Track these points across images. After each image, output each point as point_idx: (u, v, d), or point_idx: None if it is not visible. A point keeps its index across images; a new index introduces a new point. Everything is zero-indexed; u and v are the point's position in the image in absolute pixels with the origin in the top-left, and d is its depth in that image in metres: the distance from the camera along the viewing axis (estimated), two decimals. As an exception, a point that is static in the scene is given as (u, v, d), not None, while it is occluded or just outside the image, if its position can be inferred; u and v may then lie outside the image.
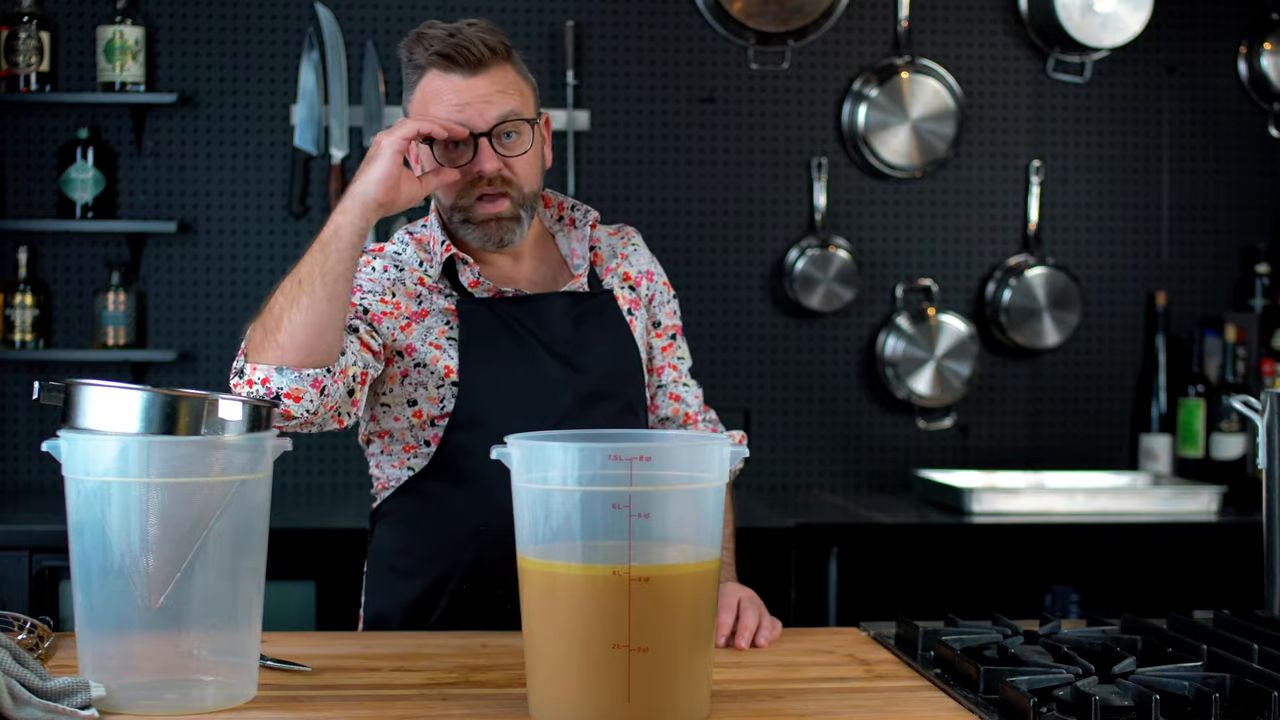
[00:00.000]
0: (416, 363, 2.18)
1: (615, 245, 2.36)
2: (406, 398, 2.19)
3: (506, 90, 2.15)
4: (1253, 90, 4.16)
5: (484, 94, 2.13)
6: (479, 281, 2.20)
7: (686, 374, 2.41)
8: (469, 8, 3.91)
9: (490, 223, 2.18)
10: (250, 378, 1.96)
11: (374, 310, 2.16)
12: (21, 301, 3.79)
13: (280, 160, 3.91)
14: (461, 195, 2.17)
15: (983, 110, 4.11)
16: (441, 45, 2.13)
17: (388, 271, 2.21)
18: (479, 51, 2.13)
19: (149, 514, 1.65)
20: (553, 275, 2.29)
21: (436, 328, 2.19)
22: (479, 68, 2.13)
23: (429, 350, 2.18)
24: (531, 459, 1.67)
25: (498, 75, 2.15)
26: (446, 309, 2.20)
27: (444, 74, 2.14)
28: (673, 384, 2.38)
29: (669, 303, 2.38)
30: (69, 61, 3.86)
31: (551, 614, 1.64)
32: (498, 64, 2.15)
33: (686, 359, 2.42)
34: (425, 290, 2.21)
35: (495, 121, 2.14)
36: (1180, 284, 4.17)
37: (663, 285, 2.38)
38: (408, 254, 2.24)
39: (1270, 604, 2.06)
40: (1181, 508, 3.66)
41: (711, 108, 4.03)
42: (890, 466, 4.09)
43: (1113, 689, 1.72)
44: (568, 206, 2.35)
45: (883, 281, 4.08)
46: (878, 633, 2.10)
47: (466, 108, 2.13)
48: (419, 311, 2.19)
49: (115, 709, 1.66)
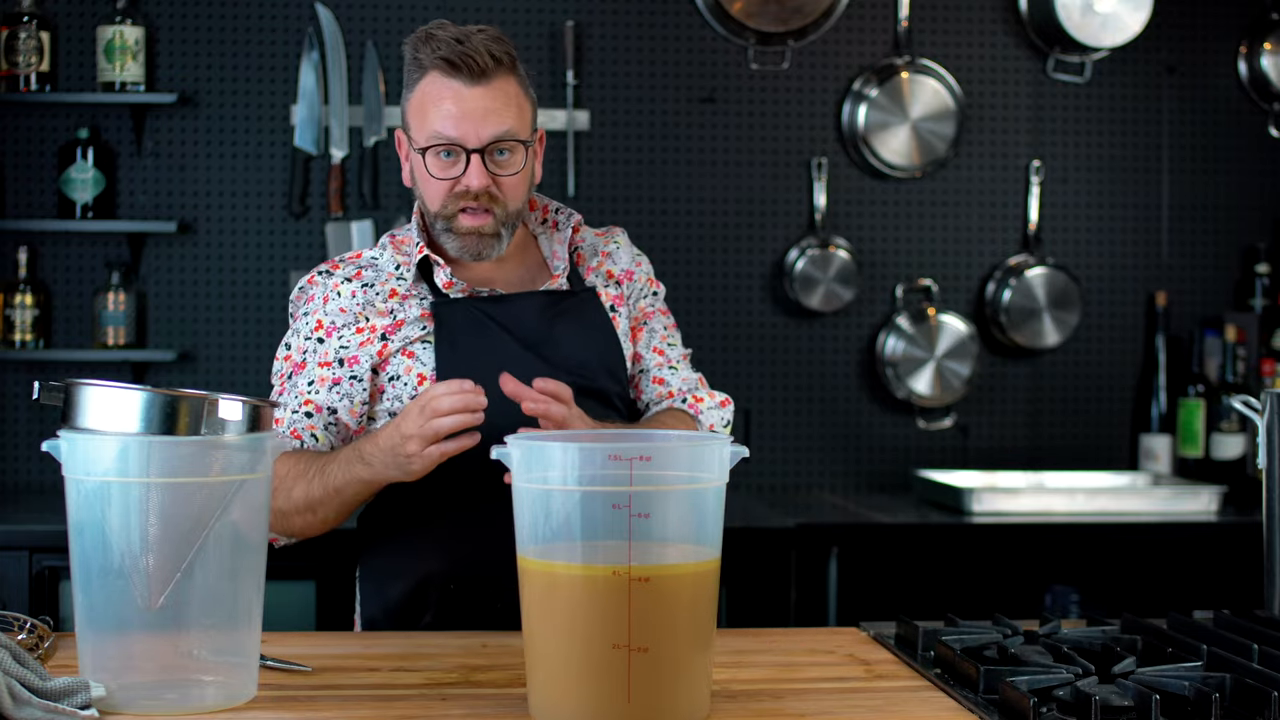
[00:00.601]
0: (391, 376, 2.20)
1: (597, 244, 2.36)
2: (387, 411, 2.21)
3: (505, 107, 2.14)
4: (1253, 90, 4.16)
5: (482, 108, 2.13)
6: (453, 282, 2.21)
7: (677, 360, 2.37)
8: (470, 8, 3.91)
9: (471, 235, 2.18)
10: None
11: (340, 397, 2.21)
12: (21, 301, 3.79)
13: (280, 160, 3.91)
14: (446, 205, 2.18)
15: (983, 110, 4.11)
16: (447, 50, 2.12)
17: (355, 297, 2.22)
18: (484, 61, 2.12)
19: (149, 514, 1.65)
20: (532, 277, 2.30)
21: (412, 336, 2.20)
22: (481, 78, 2.13)
23: (403, 361, 2.19)
24: (531, 459, 1.67)
25: (499, 88, 2.14)
26: (421, 315, 2.21)
27: (446, 78, 2.14)
28: (656, 368, 2.35)
29: (646, 296, 2.37)
30: (69, 61, 3.86)
31: (551, 614, 1.64)
32: (501, 76, 2.15)
33: (677, 346, 2.38)
34: (398, 301, 2.21)
35: (489, 139, 2.14)
36: (1180, 284, 4.17)
37: (645, 281, 2.37)
38: (384, 259, 2.25)
39: (1270, 604, 2.06)
40: (1181, 508, 3.66)
41: (711, 108, 4.03)
42: (890, 466, 4.09)
43: (1113, 689, 1.72)
44: (552, 210, 2.35)
45: (883, 281, 4.08)
46: (878, 633, 2.10)
47: (463, 120, 2.13)
48: (393, 324, 2.20)
49: (115, 709, 1.66)
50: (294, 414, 2.20)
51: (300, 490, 2.11)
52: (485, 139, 2.13)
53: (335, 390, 2.20)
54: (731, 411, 2.38)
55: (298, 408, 2.20)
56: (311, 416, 2.20)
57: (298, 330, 2.26)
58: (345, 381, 2.20)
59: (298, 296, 2.28)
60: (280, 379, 2.25)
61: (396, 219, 3.87)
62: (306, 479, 2.11)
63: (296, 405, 2.20)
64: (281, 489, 2.11)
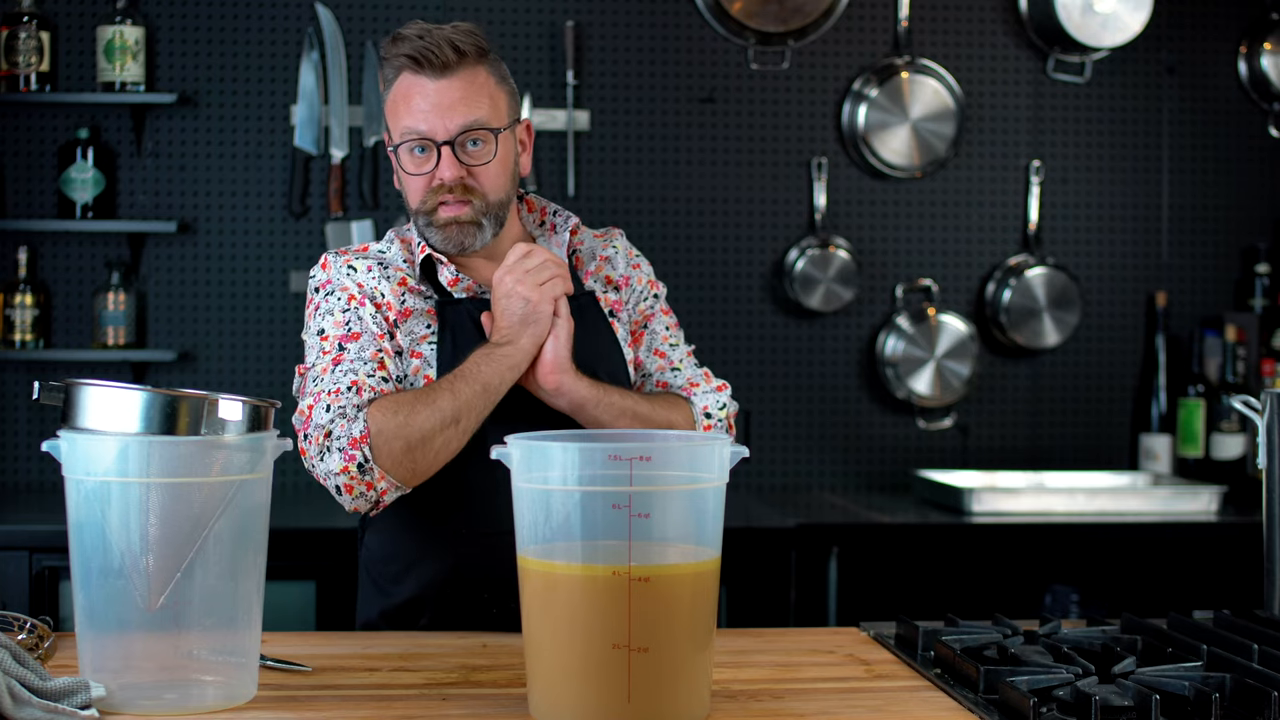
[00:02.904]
0: (399, 376, 2.18)
1: (595, 248, 2.35)
2: None
3: (474, 97, 2.14)
4: (1253, 90, 4.16)
5: (449, 100, 2.13)
6: (458, 279, 2.21)
7: (680, 359, 2.36)
8: (468, 8, 3.91)
9: (450, 226, 2.18)
10: (374, 482, 2.04)
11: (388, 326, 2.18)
12: (21, 301, 3.79)
13: (280, 160, 3.92)
14: (426, 200, 2.18)
15: (983, 110, 4.11)
16: (411, 46, 2.14)
17: (371, 271, 2.20)
18: (445, 55, 2.13)
19: (149, 514, 1.65)
20: None
21: (418, 332, 2.18)
22: (445, 71, 2.14)
23: (409, 361, 2.18)
24: (531, 459, 1.67)
25: (465, 79, 2.15)
26: (426, 311, 2.20)
27: (414, 75, 2.16)
28: (658, 372, 2.35)
29: (647, 299, 2.36)
30: (69, 61, 3.86)
31: (551, 614, 1.64)
32: (467, 67, 2.15)
33: (680, 346, 2.37)
34: (407, 291, 2.21)
35: (458, 131, 2.14)
36: (1180, 284, 4.17)
37: (645, 283, 2.37)
38: (392, 252, 2.25)
39: (1270, 604, 2.06)
40: (1181, 508, 3.66)
41: (711, 108, 4.03)
42: (890, 466, 4.09)
43: (1113, 689, 1.72)
44: (550, 212, 2.35)
45: (883, 281, 4.08)
46: (878, 633, 2.10)
47: (430, 114, 2.14)
48: (402, 311, 2.19)
49: (115, 709, 1.66)
50: (369, 378, 2.10)
51: (446, 401, 2.05)
52: (454, 130, 2.14)
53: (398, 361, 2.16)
54: (729, 396, 2.33)
55: (373, 372, 2.11)
56: (387, 382, 2.12)
57: (329, 310, 2.17)
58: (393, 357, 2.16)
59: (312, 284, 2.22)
60: (325, 356, 2.13)
61: (396, 219, 3.87)
62: (438, 394, 2.05)
63: (371, 369, 2.11)
64: (410, 419, 2.04)
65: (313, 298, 2.23)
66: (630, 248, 2.39)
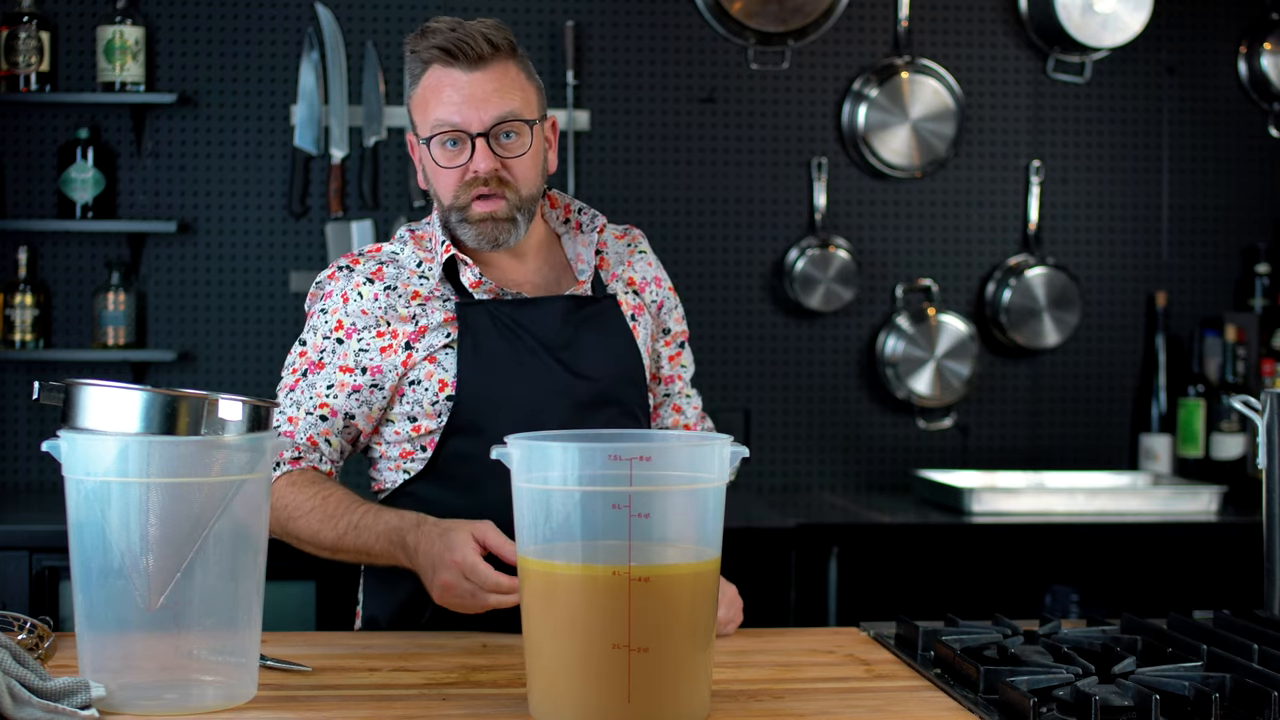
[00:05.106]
0: (413, 381, 2.17)
1: (622, 251, 2.34)
2: (406, 415, 2.19)
3: (507, 89, 2.13)
4: (1253, 90, 4.16)
5: (483, 92, 2.12)
6: (480, 281, 2.19)
7: (689, 384, 2.40)
8: (469, 7, 3.91)
9: (486, 222, 2.16)
10: None
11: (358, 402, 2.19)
12: (21, 301, 3.79)
13: (280, 160, 3.91)
14: (459, 195, 2.16)
15: (983, 110, 4.11)
16: (443, 39, 2.12)
17: (378, 300, 2.18)
18: (480, 47, 2.12)
19: (149, 514, 1.65)
20: (556, 278, 2.28)
21: (436, 344, 2.17)
22: (480, 63, 2.12)
23: (425, 366, 2.17)
24: (531, 459, 1.67)
25: (499, 73, 2.13)
26: (445, 319, 2.18)
27: (445, 69, 2.13)
28: (678, 394, 2.37)
29: (676, 308, 2.37)
30: (69, 61, 3.86)
31: (551, 614, 1.64)
32: (500, 61, 2.14)
33: (690, 367, 2.41)
34: (421, 305, 2.19)
35: (492, 122, 2.12)
36: (1180, 284, 4.17)
37: (669, 291, 2.37)
38: (405, 254, 2.22)
39: (1270, 604, 2.06)
40: (1181, 508, 3.66)
41: (711, 108, 4.03)
42: (890, 466, 4.09)
43: (1113, 689, 1.72)
44: (575, 209, 2.32)
45: (883, 281, 4.08)
46: (878, 633, 2.10)
47: (464, 105, 2.12)
48: (416, 331, 2.17)
49: (115, 709, 1.66)
50: (308, 415, 2.17)
51: (329, 536, 2.11)
52: (488, 122, 2.12)
53: (355, 397, 2.17)
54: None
55: (312, 409, 2.17)
56: (326, 420, 2.17)
57: (315, 327, 2.21)
58: (366, 389, 2.17)
59: (315, 293, 2.24)
60: (294, 374, 2.20)
61: (396, 219, 3.87)
62: (336, 529, 2.10)
63: (311, 407, 2.17)
64: (304, 521, 2.11)
65: (311, 304, 2.25)
66: (651, 253, 2.39)
